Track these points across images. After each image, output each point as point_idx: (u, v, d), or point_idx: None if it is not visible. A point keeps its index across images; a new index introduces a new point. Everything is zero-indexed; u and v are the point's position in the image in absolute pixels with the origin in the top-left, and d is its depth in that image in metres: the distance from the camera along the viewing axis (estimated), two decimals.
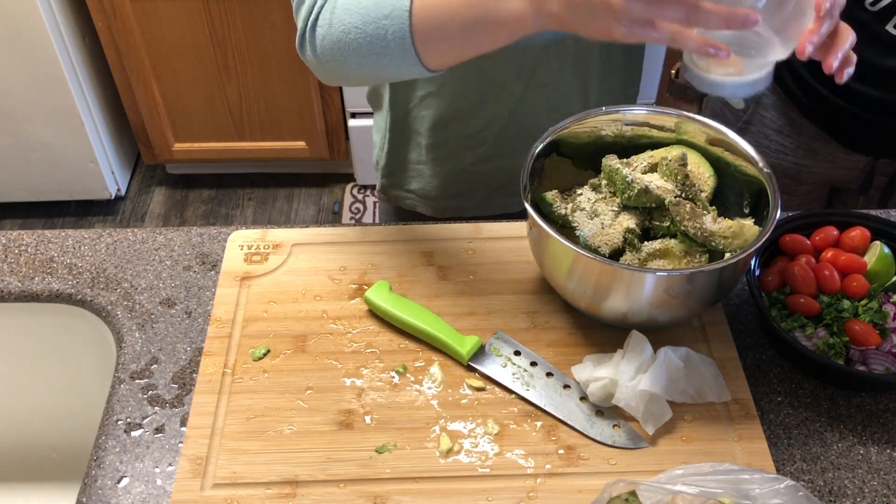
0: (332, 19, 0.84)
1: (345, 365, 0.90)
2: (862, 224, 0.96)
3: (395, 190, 1.23)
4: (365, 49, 0.83)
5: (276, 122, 2.46)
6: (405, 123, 1.14)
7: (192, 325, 0.95)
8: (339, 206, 2.65)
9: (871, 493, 0.80)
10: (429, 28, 0.79)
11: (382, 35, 0.81)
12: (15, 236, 1.06)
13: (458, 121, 1.10)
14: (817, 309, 0.89)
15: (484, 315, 0.95)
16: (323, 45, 0.86)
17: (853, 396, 0.88)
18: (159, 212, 2.65)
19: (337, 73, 0.89)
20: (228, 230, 1.05)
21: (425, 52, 0.82)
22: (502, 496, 0.79)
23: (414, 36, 0.80)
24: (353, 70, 0.87)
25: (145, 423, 0.86)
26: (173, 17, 2.21)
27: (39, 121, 2.34)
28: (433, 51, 0.82)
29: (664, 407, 0.83)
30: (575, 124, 0.94)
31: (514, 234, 1.04)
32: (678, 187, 0.91)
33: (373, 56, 0.83)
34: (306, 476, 0.81)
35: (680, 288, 0.83)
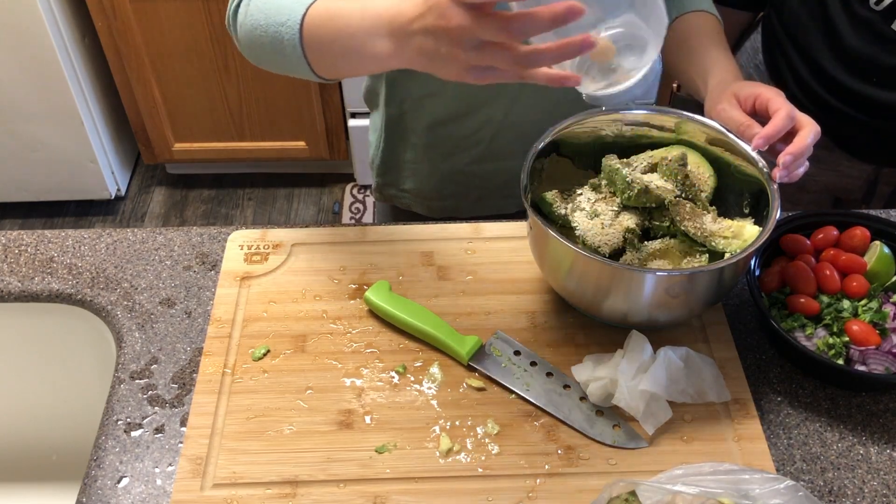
0: (248, 11, 0.89)
1: (345, 365, 0.90)
2: (862, 224, 0.96)
3: (389, 189, 1.23)
4: (268, 47, 0.87)
5: (276, 122, 2.46)
6: (401, 123, 1.14)
7: (192, 325, 0.95)
8: (338, 206, 2.65)
9: (871, 493, 0.80)
10: (314, 45, 0.84)
11: (280, 40, 0.85)
12: (15, 236, 1.06)
13: (454, 122, 1.10)
14: (817, 309, 0.89)
15: (484, 315, 0.95)
16: (241, 33, 0.91)
17: (853, 396, 0.88)
18: (159, 212, 2.65)
19: (254, 60, 0.93)
20: (228, 230, 1.05)
21: (315, 64, 0.86)
22: (502, 496, 0.79)
23: (304, 48, 0.84)
24: (264, 62, 0.92)
25: (145, 423, 0.86)
26: (173, 17, 2.21)
27: (39, 121, 2.34)
28: (321, 64, 0.86)
29: (664, 407, 0.83)
30: (575, 124, 0.94)
31: (514, 234, 1.04)
32: (678, 187, 0.91)
33: (275, 55, 0.88)
34: (306, 476, 0.81)
35: (680, 288, 0.83)
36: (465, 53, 0.70)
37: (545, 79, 0.70)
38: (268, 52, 0.88)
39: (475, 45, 0.69)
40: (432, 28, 0.71)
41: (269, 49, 0.88)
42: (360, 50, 0.80)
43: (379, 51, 0.78)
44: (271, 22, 0.86)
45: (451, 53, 0.71)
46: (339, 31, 0.81)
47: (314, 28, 0.83)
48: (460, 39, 0.69)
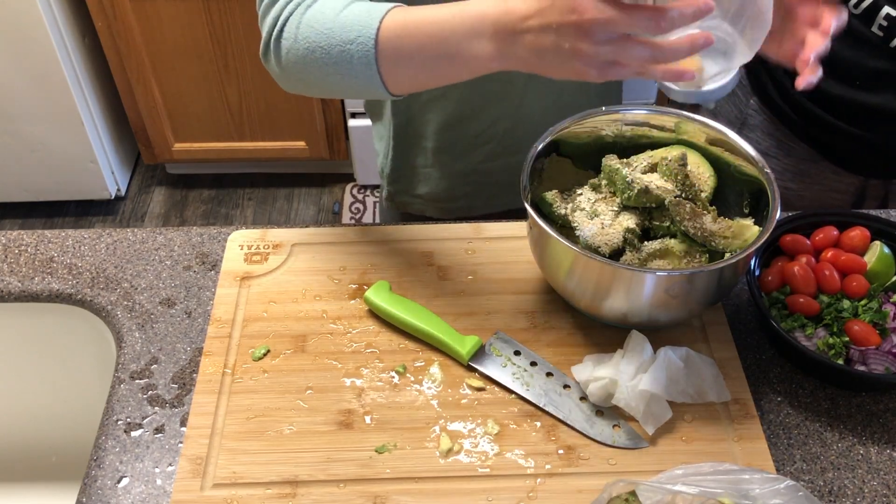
0: (298, 34, 0.84)
1: (345, 365, 0.90)
2: (862, 224, 0.96)
3: (402, 196, 1.22)
4: (330, 69, 0.83)
5: (276, 122, 2.46)
6: (409, 129, 1.14)
7: (192, 325, 0.95)
8: (339, 206, 2.65)
9: (870, 493, 0.80)
10: (394, 57, 0.81)
11: (348, 59, 0.82)
12: (15, 236, 1.06)
13: (464, 122, 1.10)
14: (817, 309, 0.89)
15: (484, 315, 0.95)
16: (288, 58, 0.86)
17: (853, 396, 0.88)
18: (159, 212, 2.65)
19: (301, 85, 0.89)
20: (228, 230, 1.05)
21: (390, 80, 0.82)
22: (502, 496, 0.79)
23: (379, 62, 0.81)
24: (316, 84, 0.88)
25: (145, 423, 0.86)
26: (173, 17, 2.21)
27: (39, 121, 2.34)
28: (398, 77, 0.83)
29: (664, 407, 0.83)
30: (575, 124, 0.94)
31: (514, 234, 1.04)
32: (678, 187, 0.91)
33: (337, 76, 0.84)
34: (306, 476, 0.81)
35: (680, 288, 0.83)
36: (594, 48, 0.69)
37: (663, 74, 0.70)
38: (328, 73, 0.84)
39: (609, 38, 0.68)
40: (557, 24, 0.69)
41: (330, 70, 0.83)
42: (454, 54, 0.77)
43: (479, 52, 0.76)
44: (336, 41, 0.81)
45: (576, 49, 0.69)
46: (427, 38, 0.78)
47: (394, 39, 0.80)
48: (592, 33, 0.68)
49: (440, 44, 0.78)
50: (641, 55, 0.69)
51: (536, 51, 0.72)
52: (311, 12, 0.84)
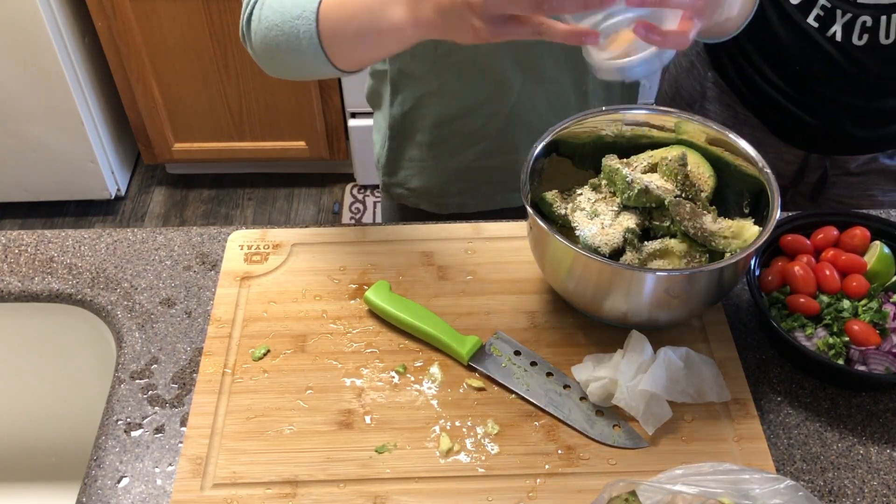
0: (261, 15, 0.88)
1: (345, 365, 0.90)
2: (862, 224, 0.96)
3: (396, 188, 1.23)
4: (284, 46, 0.86)
5: (276, 122, 2.46)
6: (405, 122, 1.14)
7: (192, 325, 0.95)
8: (339, 206, 2.65)
9: (870, 493, 0.80)
10: (331, 32, 0.83)
11: (296, 34, 0.85)
12: (15, 236, 1.06)
13: (459, 118, 1.10)
14: (817, 309, 0.89)
15: (484, 315, 0.95)
16: (256, 40, 0.90)
17: (853, 396, 0.88)
18: (159, 212, 2.65)
19: (271, 66, 0.93)
20: (228, 230, 1.05)
21: (333, 54, 0.85)
22: (502, 496, 0.79)
23: (321, 38, 0.84)
24: (280, 65, 0.91)
25: (145, 423, 0.86)
26: (173, 17, 2.21)
27: (39, 121, 2.34)
28: (339, 53, 0.85)
29: (664, 407, 0.83)
30: (575, 124, 0.94)
31: (514, 234, 1.04)
32: (678, 187, 0.91)
33: (291, 53, 0.87)
34: (306, 476, 0.81)
35: (680, 288, 0.83)
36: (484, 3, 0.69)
37: (563, 35, 0.69)
38: (284, 51, 0.87)
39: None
40: None
41: (284, 48, 0.87)
42: (377, 24, 0.79)
43: (396, 20, 0.77)
44: (287, 17, 0.85)
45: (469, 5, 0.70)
46: (354, 10, 0.81)
47: (330, 13, 0.83)
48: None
49: (364, 15, 0.80)
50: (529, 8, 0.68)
51: (440, 11, 0.73)
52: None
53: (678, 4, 0.70)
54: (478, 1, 0.70)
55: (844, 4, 1.05)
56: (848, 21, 1.06)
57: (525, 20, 0.70)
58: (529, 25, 0.70)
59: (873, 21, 1.05)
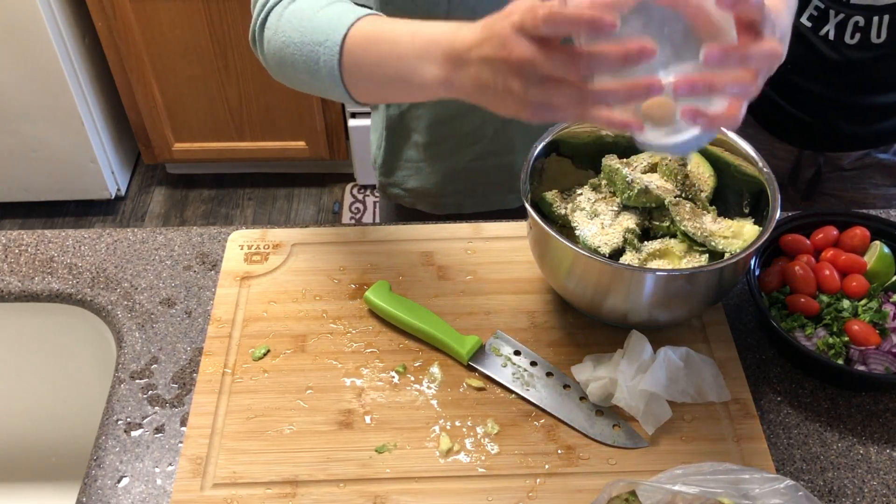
0: (278, 26, 0.85)
1: (345, 365, 0.90)
2: (862, 224, 0.96)
3: (393, 188, 1.23)
4: (300, 66, 0.84)
5: (276, 122, 2.46)
6: (401, 122, 1.14)
7: (192, 325, 0.95)
8: (339, 206, 2.65)
9: (870, 493, 0.80)
10: (354, 69, 0.80)
11: (315, 60, 0.82)
12: (15, 236, 1.06)
13: (455, 119, 1.10)
14: (817, 309, 0.89)
15: (484, 315, 0.95)
16: (268, 49, 0.87)
17: (853, 396, 0.88)
18: (159, 212, 2.65)
19: (280, 77, 0.90)
20: (228, 230, 1.05)
21: (352, 88, 0.82)
22: (502, 496, 0.79)
23: (342, 71, 0.81)
24: (292, 79, 0.88)
25: (145, 423, 0.86)
26: (173, 17, 2.21)
27: (39, 121, 2.34)
28: (359, 88, 0.82)
29: (664, 407, 0.83)
30: (575, 124, 0.94)
31: (514, 234, 1.04)
32: (678, 187, 0.91)
33: (307, 74, 0.84)
34: (306, 476, 0.81)
35: (680, 288, 0.83)
36: (524, 88, 0.66)
37: (606, 122, 0.66)
38: (299, 71, 0.84)
39: (537, 79, 0.65)
40: (491, 58, 0.67)
41: (301, 68, 0.84)
42: (407, 76, 0.76)
43: (428, 78, 0.74)
44: (307, 40, 0.82)
45: (508, 87, 0.67)
46: (385, 55, 0.77)
47: (357, 50, 0.79)
48: (521, 72, 0.65)
49: (395, 62, 0.77)
50: (568, 98, 0.65)
51: (477, 84, 0.70)
52: (293, 6, 0.85)
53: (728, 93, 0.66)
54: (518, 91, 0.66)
55: (837, 5, 1.07)
56: (840, 21, 1.08)
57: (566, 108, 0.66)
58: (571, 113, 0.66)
59: (865, 21, 1.07)
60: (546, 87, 0.65)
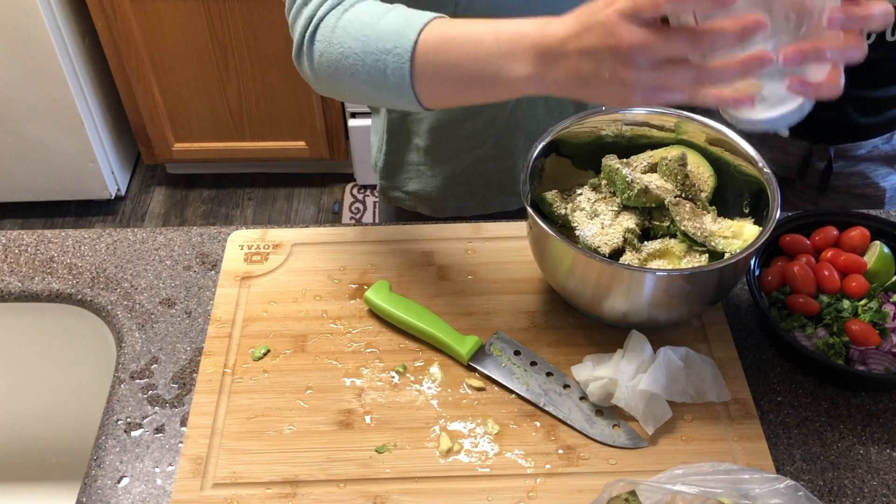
0: (332, 38, 0.82)
1: (345, 365, 0.90)
2: (862, 224, 0.96)
3: (394, 192, 1.23)
4: (362, 76, 0.81)
5: (276, 122, 2.46)
6: (403, 126, 1.14)
7: (192, 325, 0.95)
8: (339, 206, 2.65)
9: (870, 493, 0.80)
10: (430, 73, 0.78)
11: (382, 69, 0.79)
12: (15, 236, 1.06)
13: (457, 123, 1.10)
14: (817, 309, 0.89)
15: (484, 315, 0.95)
16: (321, 62, 0.84)
17: (853, 396, 0.88)
18: (159, 212, 2.65)
19: (331, 89, 0.87)
20: (228, 230, 1.05)
21: (423, 94, 0.80)
22: (502, 496, 0.79)
23: (414, 77, 0.78)
24: (347, 91, 0.85)
25: (145, 423, 0.86)
26: (173, 18, 2.21)
27: (39, 121, 2.34)
28: (431, 94, 0.80)
29: (664, 407, 0.83)
30: (575, 124, 0.94)
31: (514, 234, 1.04)
32: (678, 187, 0.91)
33: (369, 85, 0.81)
34: (306, 476, 0.81)
35: (680, 288, 0.83)
36: (636, 74, 0.65)
37: (718, 100, 0.65)
38: (359, 81, 0.81)
39: (651, 64, 0.64)
40: (594, 48, 0.66)
41: (362, 79, 0.81)
42: (492, 75, 0.74)
43: (517, 75, 0.72)
44: (372, 49, 0.79)
45: (616, 75, 0.66)
46: (465, 56, 0.75)
47: (432, 53, 0.77)
48: (632, 59, 0.64)
49: (477, 63, 0.75)
50: (685, 79, 0.65)
51: (576, 76, 0.68)
52: (348, 15, 0.81)
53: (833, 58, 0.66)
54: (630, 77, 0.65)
55: None
56: None
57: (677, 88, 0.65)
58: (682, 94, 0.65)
59: None
60: (661, 70, 0.65)
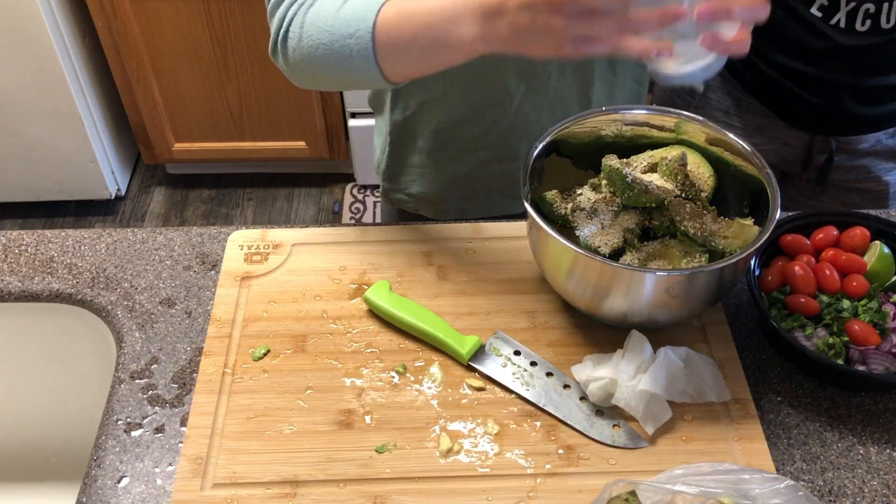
0: (302, 34, 0.88)
1: (345, 365, 0.90)
2: (862, 224, 0.96)
3: (396, 193, 1.23)
4: (332, 64, 0.87)
5: (276, 122, 2.46)
6: (406, 128, 1.14)
7: (192, 325, 0.95)
8: (339, 206, 2.65)
9: (870, 493, 0.80)
10: (390, 48, 0.84)
11: (348, 53, 0.85)
12: (15, 236, 1.06)
13: (460, 126, 1.10)
14: (817, 309, 0.89)
15: (484, 315, 0.95)
16: (294, 57, 0.90)
17: (853, 396, 0.88)
18: (159, 212, 2.65)
19: (307, 80, 0.94)
20: (228, 230, 1.05)
21: (387, 69, 0.86)
22: (502, 496, 0.79)
23: (377, 54, 0.84)
24: (322, 79, 0.92)
25: (145, 423, 0.86)
26: (173, 17, 2.21)
27: (39, 121, 2.34)
28: (395, 67, 0.86)
29: (664, 407, 0.83)
30: (575, 124, 0.94)
31: (514, 234, 1.04)
32: (678, 187, 0.91)
33: (339, 70, 0.88)
34: (306, 476, 0.81)
35: (680, 288, 0.83)
36: (566, 23, 0.71)
37: (640, 50, 0.72)
38: (331, 68, 0.88)
39: (579, 14, 0.71)
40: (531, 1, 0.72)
41: (332, 66, 0.87)
42: (443, 40, 0.81)
43: (465, 35, 0.79)
44: (336, 36, 0.85)
45: (549, 25, 0.72)
46: (418, 26, 0.82)
47: (389, 31, 0.83)
48: (563, 9, 0.71)
49: (430, 30, 0.81)
50: (610, 28, 0.71)
51: (516, 29, 0.75)
52: (312, 11, 0.88)
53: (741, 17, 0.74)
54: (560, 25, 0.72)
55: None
56: (852, 9, 1.10)
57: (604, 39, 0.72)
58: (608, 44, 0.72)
59: (876, 8, 1.09)
60: (588, 20, 0.71)
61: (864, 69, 1.17)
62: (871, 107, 1.22)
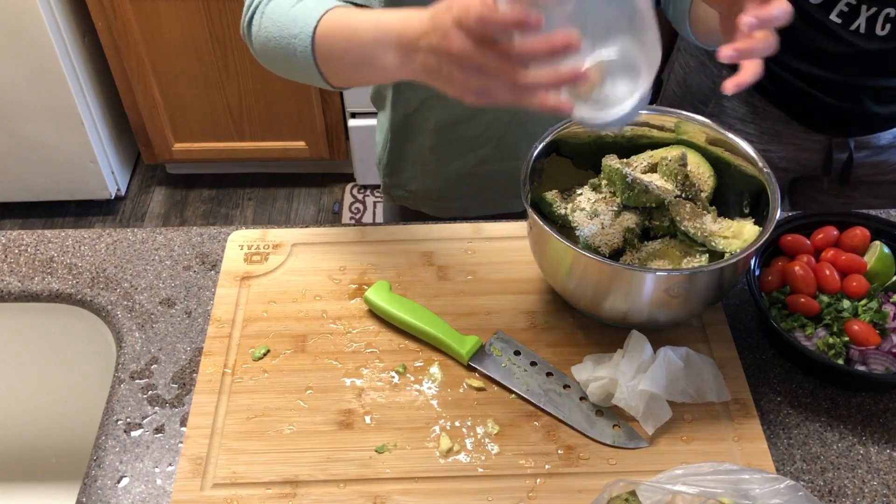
0: (261, 23, 0.91)
1: (345, 365, 0.90)
2: (862, 224, 0.96)
3: (397, 189, 1.23)
4: (281, 57, 0.90)
5: (276, 122, 2.46)
6: (407, 125, 1.14)
7: (192, 325, 0.95)
8: (339, 206, 2.65)
9: (870, 493, 0.80)
10: (326, 56, 0.86)
11: (293, 51, 0.88)
12: (15, 236, 1.06)
13: (461, 123, 1.10)
14: (817, 309, 0.89)
15: (484, 315, 0.95)
16: (255, 44, 0.93)
17: (853, 396, 0.88)
18: (159, 212, 2.65)
19: (270, 67, 0.95)
20: (228, 230, 1.05)
21: (327, 73, 0.88)
22: (502, 496, 0.79)
23: (317, 59, 0.86)
24: (280, 70, 0.94)
25: (145, 423, 0.86)
26: (173, 17, 2.21)
27: (39, 121, 2.33)
28: (334, 75, 0.88)
29: (664, 407, 0.83)
30: (575, 124, 0.94)
31: (514, 234, 1.04)
32: (678, 187, 0.91)
33: (289, 63, 0.90)
34: (306, 476, 0.81)
35: (680, 288, 0.83)
36: (464, 76, 0.72)
37: (539, 105, 0.71)
38: (281, 61, 0.91)
39: (475, 68, 0.71)
40: (435, 47, 0.73)
41: (282, 59, 0.90)
42: (369, 61, 0.82)
43: (387, 63, 0.80)
44: (284, 34, 0.88)
45: (451, 74, 0.73)
46: (350, 43, 0.83)
47: (326, 39, 0.85)
48: (461, 63, 0.71)
49: (359, 49, 0.82)
50: (503, 87, 0.71)
51: (427, 69, 0.75)
52: (271, 4, 0.91)
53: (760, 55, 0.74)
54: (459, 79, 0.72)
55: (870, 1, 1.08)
56: (872, 14, 1.09)
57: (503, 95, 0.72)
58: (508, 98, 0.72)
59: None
60: (483, 76, 0.71)
61: (885, 71, 1.17)
62: (890, 105, 1.22)
